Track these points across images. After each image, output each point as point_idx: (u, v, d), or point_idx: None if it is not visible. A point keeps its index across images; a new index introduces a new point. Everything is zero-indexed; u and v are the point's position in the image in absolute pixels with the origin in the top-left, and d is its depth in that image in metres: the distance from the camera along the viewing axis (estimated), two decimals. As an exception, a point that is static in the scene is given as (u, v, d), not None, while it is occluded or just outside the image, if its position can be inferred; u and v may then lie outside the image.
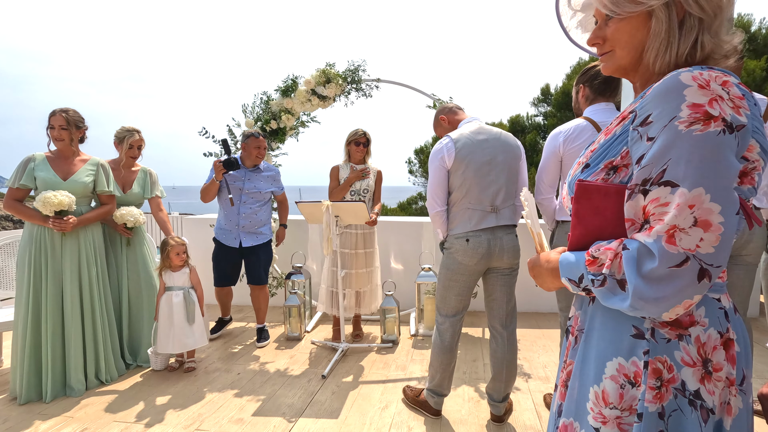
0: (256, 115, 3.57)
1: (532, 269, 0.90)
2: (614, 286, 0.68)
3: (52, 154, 2.53)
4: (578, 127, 1.96)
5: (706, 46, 0.73)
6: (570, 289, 0.77)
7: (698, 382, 0.70)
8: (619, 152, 0.75)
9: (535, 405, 2.35)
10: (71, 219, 2.43)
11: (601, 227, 0.75)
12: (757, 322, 3.68)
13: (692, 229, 0.62)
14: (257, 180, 3.19)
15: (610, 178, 0.76)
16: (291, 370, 2.82)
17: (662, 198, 0.65)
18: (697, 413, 0.70)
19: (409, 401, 2.34)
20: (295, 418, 2.24)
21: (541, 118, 11.45)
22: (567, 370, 0.87)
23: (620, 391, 0.74)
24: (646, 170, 0.67)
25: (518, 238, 2.10)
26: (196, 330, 2.74)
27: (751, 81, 7.18)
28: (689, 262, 0.62)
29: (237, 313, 3.98)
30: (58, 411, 2.31)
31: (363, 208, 2.77)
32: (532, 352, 3.07)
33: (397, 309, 3.24)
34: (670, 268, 0.62)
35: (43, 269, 2.43)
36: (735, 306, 0.78)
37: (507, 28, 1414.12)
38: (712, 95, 0.65)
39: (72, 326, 2.47)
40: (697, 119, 0.64)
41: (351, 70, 3.45)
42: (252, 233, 3.20)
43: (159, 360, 2.79)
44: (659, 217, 0.65)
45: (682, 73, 0.68)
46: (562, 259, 0.79)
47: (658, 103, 0.68)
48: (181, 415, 2.27)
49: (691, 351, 0.71)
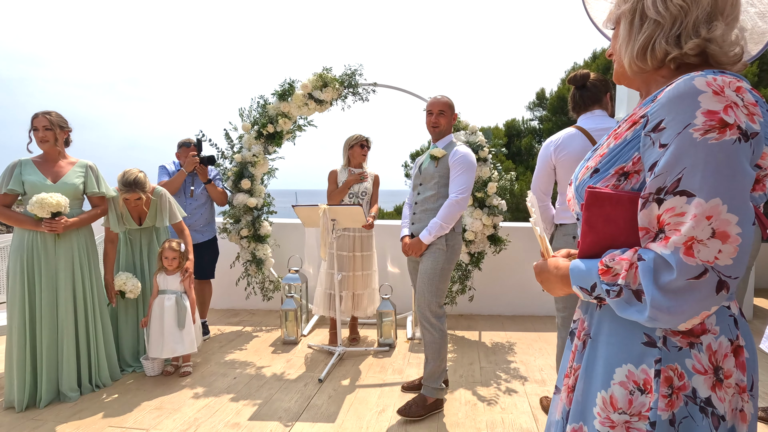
0: (253, 119, 3.57)
1: (540, 274, 0.88)
2: (630, 297, 0.67)
3: (38, 158, 2.50)
4: (567, 136, 2.05)
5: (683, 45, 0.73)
6: (581, 297, 0.76)
7: (710, 390, 0.70)
8: (630, 158, 0.73)
9: (531, 408, 2.36)
10: (63, 219, 2.40)
11: (613, 235, 0.73)
12: (752, 324, 3.70)
13: (710, 240, 0.61)
14: (197, 183, 3.41)
15: (621, 185, 0.74)
16: (287, 374, 2.81)
17: (678, 208, 0.64)
18: (708, 420, 0.69)
19: (424, 413, 2.25)
20: (292, 422, 2.23)
21: (536, 122, 11.50)
22: (575, 375, 0.85)
23: (629, 397, 0.73)
24: (661, 179, 0.66)
25: None
26: (186, 336, 2.70)
27: (743, 86, 7.28)
28: (708, 274, 0.61)
29: (233, 316, 3.97)
30: (52, 417, 2.29)
31: (360, 212, 2.77)
32: (528, 355, 3.08)
33: (393, 312, 3.24)
34: (689, 280, 0.61)
35: (37, 275, 2.40)
36: (741, 311, 0.78)
37: (502, 33, 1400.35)
38: (727, 102, 0.64)
39: (65, 331, 2.44)
40: (712, 127, 0.63)
41: (348, 75, 3.46)
42: (196, 232, 3.35)
43: (153, 365, 2.76)
44: (675, 227, 0.64)
45: (696, 78, 0.66)
46: (572, 267, 0.77)
47: (671, 109, 0.66)
48: (177, 420, 2.25)
49: (703, 359, 0.70)
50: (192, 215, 3.34)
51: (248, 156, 3.51)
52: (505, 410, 2.34)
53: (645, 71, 0.79)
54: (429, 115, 2.43)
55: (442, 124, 2.41)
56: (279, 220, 4.15)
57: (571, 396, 0.85)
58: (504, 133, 10.76)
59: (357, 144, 3.20)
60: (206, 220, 3.43)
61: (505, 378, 2.73)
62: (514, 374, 2.78)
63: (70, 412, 2.33)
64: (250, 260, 3.65)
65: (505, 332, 3.56)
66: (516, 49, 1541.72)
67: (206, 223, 3.43)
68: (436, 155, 2.38)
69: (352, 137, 3.23)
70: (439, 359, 2.30)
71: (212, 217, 3.51)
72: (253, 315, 4.04)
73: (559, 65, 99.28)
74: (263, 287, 3.76)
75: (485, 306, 3.97)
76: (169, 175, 3.33)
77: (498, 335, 3.49)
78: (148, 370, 2.76)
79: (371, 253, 3.29)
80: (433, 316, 2.30)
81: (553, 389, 1.01)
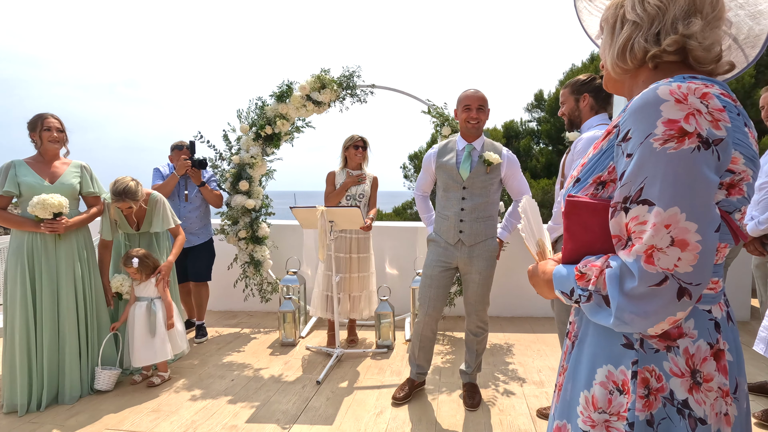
0: (251, 120, 3.57)
1: (531, 278, 0.92)
2: (600, 302, 0.69)
3: (32, 159, 2.48)
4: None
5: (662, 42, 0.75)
6: (564, 301, 0.79)
7: (686, 392, 0.71)
8: (606, 167, 0.76)
9: (529, 409, 2.36)
10: (64, 220, 2.40)
11: (590, 242, 0.76)
12: (749, 325, 3.71)
13: (670, 248, 0.62)
14: (191, 186, 3.41)
15: (599, 193, 0.77)
16: (285, 376, 2.80)
17: (641, 217, 0.66)
18: (685, 421, 0.70)
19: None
20: (290, 424, 2.23)
21: (534, 123, 11.52)
22: (565, 374, 0.89)
23: (609, 396, 0.75)
24: (626, 188, 0.68)
25: None
26: (158, 343, 2.62)
27: (740, 88, 7.28)
28: (668, 281, 0.62)
29: (231, 318, 3.97)
30: (50, 419, 2.28)
31: (358, 214, 2.77)
32: (527, 357, 3.08)
33: (392, 314, 3.24)
34: (650, 287, 0.63)
35: (38, 276, 2.39)
36: (729, 314, 0.78)
37: (501, 34, 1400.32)
38: (689, 110, 0.65)
39: (68, 332, 2.43)
40: (671, 137, 0.64)
41: (346, 76, 3.47)
42: (191, 234, 3.36)
43: (104, 377, 2.54)
44: (639, 236, 0.66)
45: (661, 86, 0.67)
46: (555, 272, 0.80)
47: (636, 119, 0.68)
48: (175, 422, 2.25)
49: (680, 362, 0.71)
50: (187, 218, 3.34)
51: (246, 157, 3.51)
52: (504, 412, 2.34)
53: (627, 71, 0.81)
54: (467, 110, 2.25)
55: (482, 121, 2.27)
56: (277, 222, 4.15)
57: (560, 394, 0.88)
58: (502, 135, 10.77)
59: (352, 145, 3.19)
60: (202, 222, 3.43)
61: (503, 379, 2.73)
62: (512, 376, 2.78)
63: (68, 415, 2.33)
64: (248, 262, 3.65)
65: (504, 334, 3.56)
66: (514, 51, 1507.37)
67: (202, 226, 3.43)
68: (490, 161, 2.24)
69: (348, 139, 3.22)
70: (484, 351, 2.50)
71: (208, 220, 3.52)
72: (251, 317, 4.03)
73: (557, 67, 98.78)
74: (261, 289, 3.76)
75: (483, 307, 3.97)
76: (163, 178, 3.34)
77: (496, 336, 3.49)
78: (99, 382, 2.54)
79: (368, 255, 3.29)
80: (487, 316, 2.43)
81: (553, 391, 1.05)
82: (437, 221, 2.41)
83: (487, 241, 2.33)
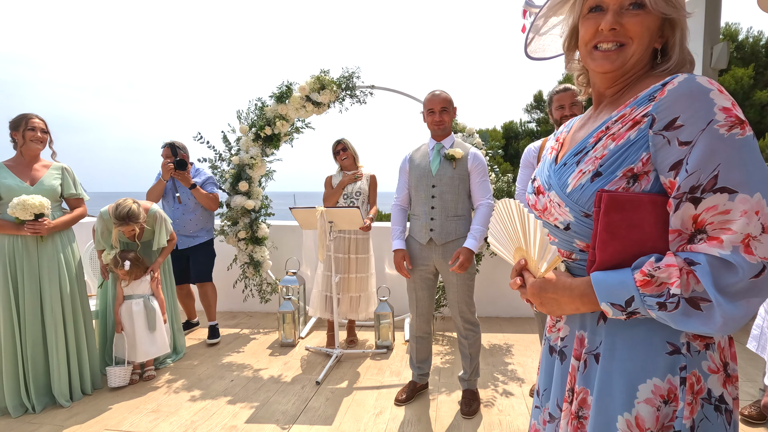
0: (250, 121, 3.57)
1: (540, 295, 0.78)
2: (687, 308, 0.62)
3: (11, 161, 2.45)
4: None
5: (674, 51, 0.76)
6: (609, 314, 0.69)
7: (721, 387, 0.70)
8: (639, 158, 0.70)
9: (528, 410, 2.36)
10: (46, 221, 2.37)
11: (640, 241, 0.68)
12: (748, 326, 3.72)
13: (763, 236, 0.59)
14: (182, 188, 3.35)
15: (631, 187, 0.70)
16: (285, 376, 2.80)
17: (720, 206, 0.61)
18: (722, 417, 0.70)
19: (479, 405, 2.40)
20: (289, 424, 2.23)
21: (534, 124, 11.55)
22: (579, 399, 0.78)
23: (657, 414, 0.69)
24: (695, 177, 0.63)
25: None
26: (158, 337, 2.71)
27: (738, 88, 7.30)
28: (766, 271, 0.59)
29: (230, 319, 3.97)
30: (48, 420, 2.28)
31: (357, 214, 2.77)
32: (525, 357, 3.08)
33: (391, 314, 3.24)
34: (751, 279, 0.59)
35: (20, 279, 2.36)
36: None
37: (500, 35, 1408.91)
38: (731, 99, 0.65)
39: (54, 335, 2.41)
40: (733, 123, 0.63)
41: (345, 77, 3.47)
42: (187, 236, 3.34)
43: (119, 374, 2.62)
44: (722, 226, 0.61)
45: (696, 77, 0.66)
46: (596, 281, 0.69)
47: (687, 106, 0.65)
48: (174, 423, 2.25)
49: (716, 358, 0.70)
50: (180, 221, 3.30)
51: (246, 158, 3.51)
52: (503, 412, 2.34)
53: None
54: (431, 113, 2.32)
55: (447, 122, 2.32)
56: (276, 223, 4.15)
57: (577, 423, 0.78)
58: (502, 135, 10.80)
59: (334, 153, 3.29)
60: (197, 225, 3.37)
61: (502, 380, 2.73)
62: (511, 376, 2.78)
63: (66, 416, 2.32)
64: (248, 262, 3.65)
65: (503, 334, 3.56)
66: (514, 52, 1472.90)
67: (198, 228, 3.38)
68: (454, 156, 2.28)
69: (331, 147, 3.31)
70: (479, 354, 2.46)
71: (206, 221, 3.45)
72: (250, 317, 4.03)
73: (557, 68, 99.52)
74: (261, 289, 3.75)
75: (482, 308, 3.97)
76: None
77: (495, 337, 3.49)
78: (112, 380, 2.60)
79: (367, 256, 3.29)
80: (474, 317, 2.41)
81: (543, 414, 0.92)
82: (411, 221, 2.44)
83: (460, 240, 2.30)
